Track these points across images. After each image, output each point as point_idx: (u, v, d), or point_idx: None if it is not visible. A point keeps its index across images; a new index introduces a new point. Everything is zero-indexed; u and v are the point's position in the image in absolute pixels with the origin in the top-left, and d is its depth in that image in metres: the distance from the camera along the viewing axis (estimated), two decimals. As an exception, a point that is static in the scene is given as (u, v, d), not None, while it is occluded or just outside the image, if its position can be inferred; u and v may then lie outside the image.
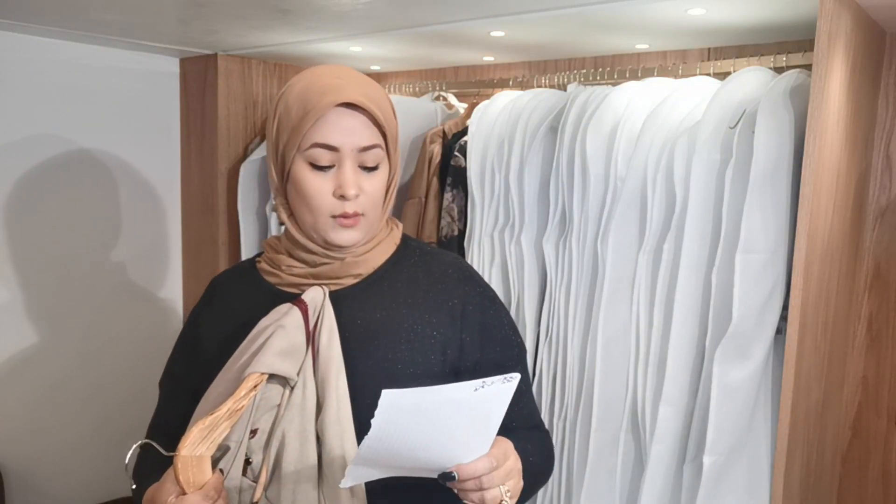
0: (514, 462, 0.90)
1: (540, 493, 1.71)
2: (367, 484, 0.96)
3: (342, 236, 1.01)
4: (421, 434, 0.80)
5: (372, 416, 0.76)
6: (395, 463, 0.84)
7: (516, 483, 0.90)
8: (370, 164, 1.00)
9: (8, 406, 2.19)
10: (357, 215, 1.00)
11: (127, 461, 0.94)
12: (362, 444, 0.79)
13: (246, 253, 2.32)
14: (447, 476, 0.85)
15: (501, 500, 0.86)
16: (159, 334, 2.46)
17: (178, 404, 1.09)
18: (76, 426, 2.33)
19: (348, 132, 0.98)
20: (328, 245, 1.03)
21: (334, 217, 1.00)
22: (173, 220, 2.52)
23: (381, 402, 0.75)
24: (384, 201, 1.06)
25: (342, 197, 0.98)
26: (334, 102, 0.96)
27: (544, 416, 1.70)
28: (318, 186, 0.99)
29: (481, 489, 0.85)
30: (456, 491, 0.87)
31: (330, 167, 0.99)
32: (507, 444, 0.90)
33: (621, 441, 1.58)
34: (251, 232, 2.32)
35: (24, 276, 2.19)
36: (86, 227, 2.30)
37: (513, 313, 1.76)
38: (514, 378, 0.81)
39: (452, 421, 0.81)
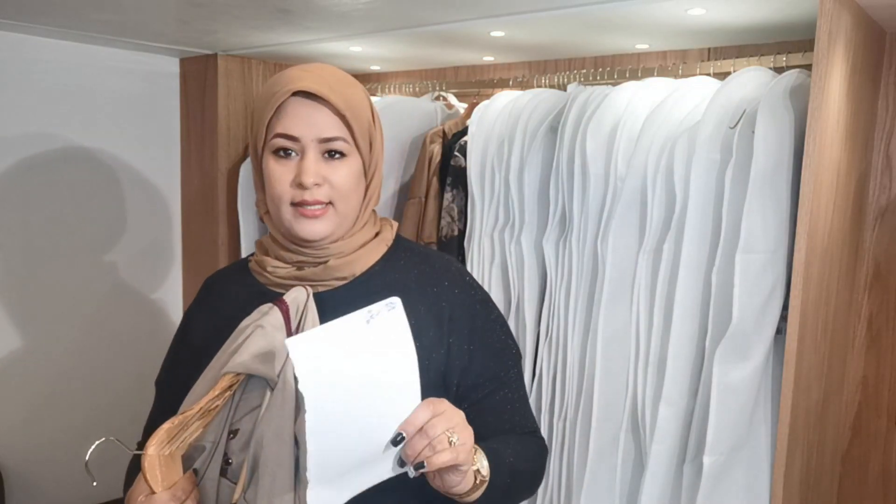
0: (453, 412, 0.88)
1: (540, 493, 1.71)
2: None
3: (306, 228, 1.00)
4: (347, 386, 0.80)
5: None
6: (344, 439, 0.83)
7: (462, 430, 0.88)
8: (335, 156, 1.00)
9: (8, 405, 2.20)
10: (319, 204, 0.99)
11: (87, 458, 0.93)
12: (306, 420, 0.78)
13: (246, 253, 2.31)
14: (397, 439, 0.85)
15: (450, 441, 0.85)
16: (159, 334, 2.46)
17: (172, 404, 1.09)
18: (76, 425, 2.33)
19: (307, 122, 0.98)
20: (293, 239, 1.02)
21: (294, 205, 0.99)
22: (173, 220, 2.52)
23: (290, 353, 0.76)
24: (364, 197, 1.05)
25: (300, 185, 0.98)
26: (290, 91, 0.97)
27: (544, 416, 1.70)
28: (279, 175, 0.99)
29: (428, 437, 0.84)
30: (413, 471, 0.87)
31: (293, 157, 0.99)
32: (443, 400, 0.89)
33: (621, 441, 1.58)
34: (251, 232, 2.32)
35: (24, 275, 2.19)
36: (86, 227, 2.30)
37: (513, 313, 1.76)
38: (396, 302, 0.83)
39: (367, 364, 0.81)
